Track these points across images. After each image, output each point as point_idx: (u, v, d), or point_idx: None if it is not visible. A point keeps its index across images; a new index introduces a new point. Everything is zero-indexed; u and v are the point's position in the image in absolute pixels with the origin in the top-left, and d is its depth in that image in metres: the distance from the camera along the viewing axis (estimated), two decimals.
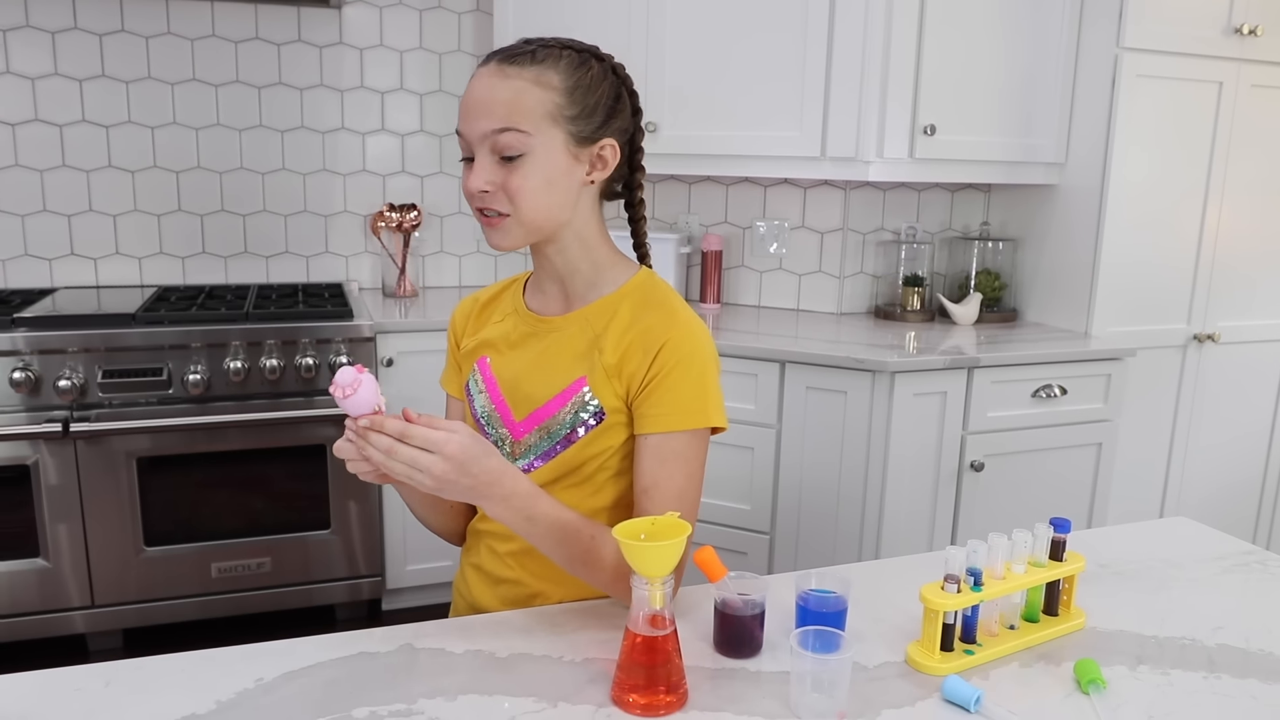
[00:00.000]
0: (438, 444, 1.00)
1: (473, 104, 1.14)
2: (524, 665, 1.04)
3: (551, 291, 1.26)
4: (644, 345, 1.17)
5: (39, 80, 2.78)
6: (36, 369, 2.35)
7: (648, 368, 1.16)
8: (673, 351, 1.16)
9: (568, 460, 1.20)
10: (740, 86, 2.64)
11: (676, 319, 1.19)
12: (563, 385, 1.20)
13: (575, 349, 1.21)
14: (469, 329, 1.33)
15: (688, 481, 1.18)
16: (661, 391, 1.16)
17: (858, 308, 2.98)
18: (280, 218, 3.07)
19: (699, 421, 1.18)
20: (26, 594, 2.44)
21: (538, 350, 1.24)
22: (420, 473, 1.00)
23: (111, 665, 1.01)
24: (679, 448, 1.17)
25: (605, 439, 1.19)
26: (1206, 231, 2.75)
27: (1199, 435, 2.88)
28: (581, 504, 1.21)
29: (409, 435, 1.00)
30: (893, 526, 2.40)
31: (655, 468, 1.17)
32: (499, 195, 1.14)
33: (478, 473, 1.03)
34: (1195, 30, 2.59)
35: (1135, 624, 1.17)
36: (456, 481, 1.01)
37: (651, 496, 1.16)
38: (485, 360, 1.28)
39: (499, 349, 1.27)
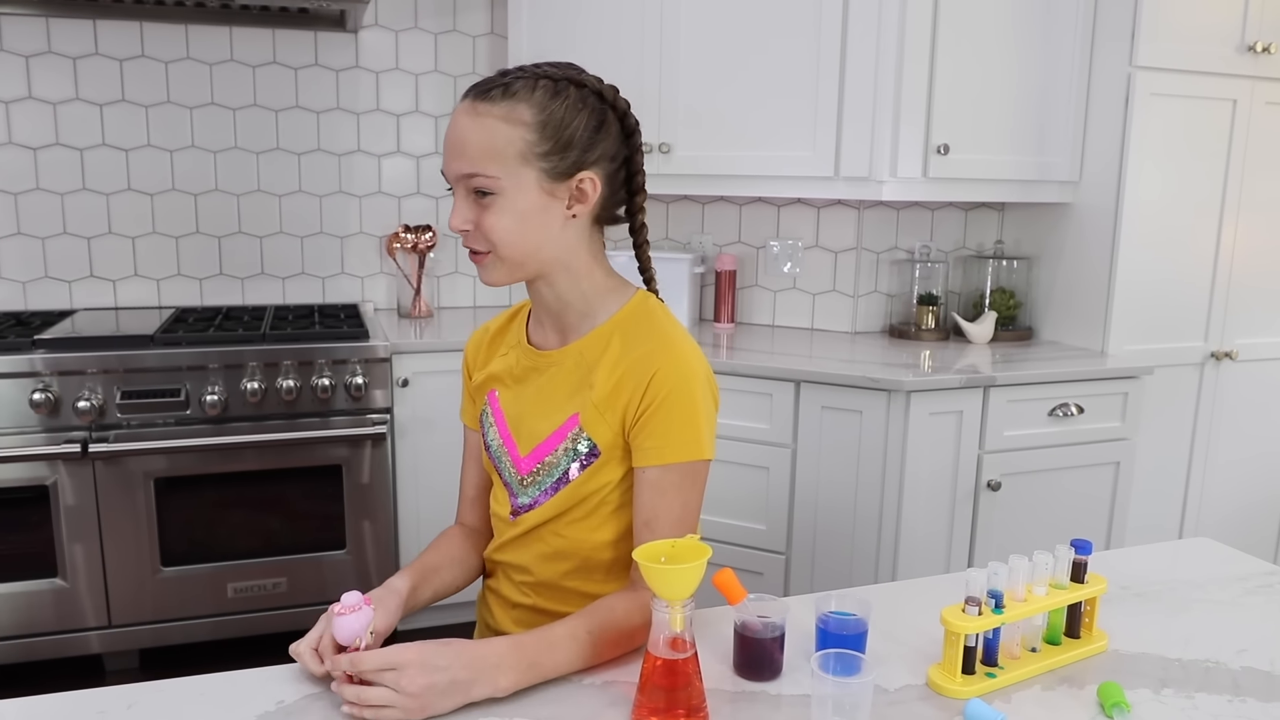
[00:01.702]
0: (389, 657, 0.97)
1: (450, 144, 1.14)
2: (543, 687, 1.04)
3: (548, 324, 1.26)
4: (635, 376, 1.16)
5: (61, 105, 2.82)
6: (56, 390, 2.37)
7: (640, 398, 1.15)
8: (664, 381, 1.15)
9: (567, 497, 1.21)
10: (753, 107, 2.65)
11: (667, 346, 1.17)
12: (559, 422, 1.21)
13: (569, 385, 1.21)
14: (479, 361, 1.33)
15: (685, 511, 1.17)
16: (655, 423, 1.15)
17: (872, 327, 2.98)
18: (297, 239, 3.09)
19: (693, 454, 1.16)
20: (43, 614, 2.45)
21: (538, 385, 1.24)
22: (396, 693, 0.95)
23: (134, 688, 1.01)
24: (676, 480, 1.16)
25: (603, 475, 1.19)
26: (1223, 249, 2.74)
27: (1218, 454, 2.86)
28: (587, 538, 1.22)
29: (359, 661, 0.97)
30: (909, 546, 2.39)
31: (654, 500, 1.16)
32: (476, 234, 1.14)
33: (449, 660, 0.99)
34: (1208, 48, 2.59)
35: (1158, 646, 1.16)
36: (433, 682, 0.96)
37: (653, 529, 1.15)
38: (494, 394, 1.30)
39: (505, 383, 1.28)
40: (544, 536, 1.24)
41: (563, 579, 1.25)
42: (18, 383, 2.35)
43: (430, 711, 0.97)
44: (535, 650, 1.04)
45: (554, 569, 1.25)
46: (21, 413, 2.36)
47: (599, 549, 1.23)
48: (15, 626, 2.44)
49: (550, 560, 1.25)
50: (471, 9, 3.13)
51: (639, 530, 1.17)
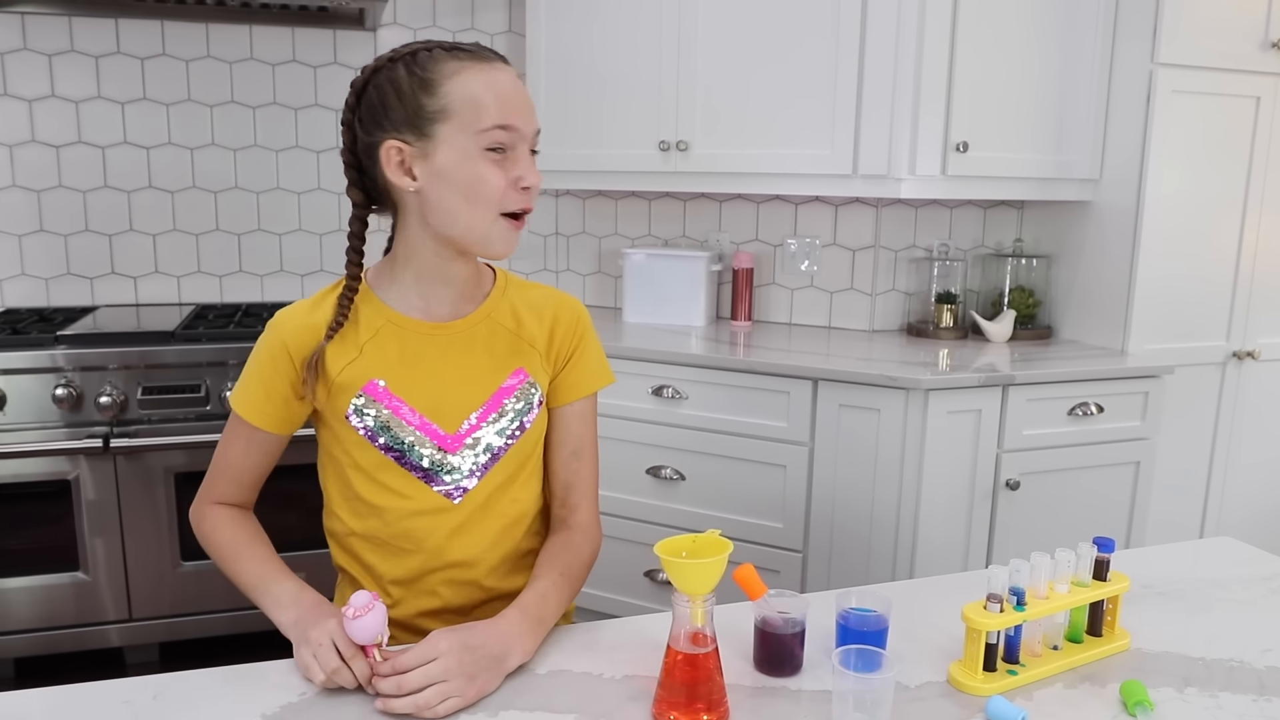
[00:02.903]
0: (427, 649, 0.99)
1: (521, 99, 1.13)
2: (564, 681, 1.04)
3: (442, 296, 1.21)
4: (565, 320, 1.26)
5: (83, 103, 2.84)
6: (78, 386, 2.39)
7: (571, 338, 1.26)
8: (585, 320, 1.28)
9: (522, 450, 1.24)
10: (771, 105, 2.65)
11: (563, 294, 1.29)
12: (497, 383, 1.21)
13: (495, 346, 1.22)
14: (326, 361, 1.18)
15: (595, 436, 1.30)
16: (585, 358, 1.27)
17: (890, 325, 2.97)
18: (315, 236, 3.11)
19: (610, 378, 1.31)
20: (65, 607, 2.48)
21: (448, 358, 1.20)
22: (448, 681, 0.97)
23: (159, 678, 1.02)
24: (592, 407, 1.30)
25: (541, 422, 1.26)
26: (1245, 247, 2.72)
27: (1239, 453, 2.84)
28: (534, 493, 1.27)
29: (399, 664, 0.98)
30: (927, 545, 2.38)
31: (581, 430, 1.28)
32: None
33: (481, 638, 1.02)
34: (1231, 45, 2.57)
35: (1181, 645, 1.15)
36: (477, 659, 1.00)
37: (581, 457, 1.28)
38: (378, 385, 1.18)
39: (394, 368, 1.18)
40: (497, 508, 1.23)
41: (518, 545, 1.26)
42: (40, 378, 2.37)
43: (484, 690, 1.00)
44: (536, 607, 1.11)
45: (508, 541, 1.25)
46: (44, 408, 2.38)
47: (538, 500, 1.29)
48: (37, 619, 2.46)
49: (504, 535, 1.24)
50: (490, 7, 3.14)
51: (567, 461, 1.27)
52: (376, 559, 1.24)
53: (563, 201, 3.29)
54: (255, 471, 1.26)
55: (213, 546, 1.22)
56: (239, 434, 1.23)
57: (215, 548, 1.22)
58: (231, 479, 1.24)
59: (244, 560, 1.18)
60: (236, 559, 1.19)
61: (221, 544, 1.21)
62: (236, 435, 1.23)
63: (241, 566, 1.18)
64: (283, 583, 1.14)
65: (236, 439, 1.23)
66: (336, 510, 1.26)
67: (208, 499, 1.25)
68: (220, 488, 1.25)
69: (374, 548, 1.24)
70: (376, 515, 1.22)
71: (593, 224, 3.28)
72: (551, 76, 2.89)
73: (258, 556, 1.19)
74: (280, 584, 1.14)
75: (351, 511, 1.24)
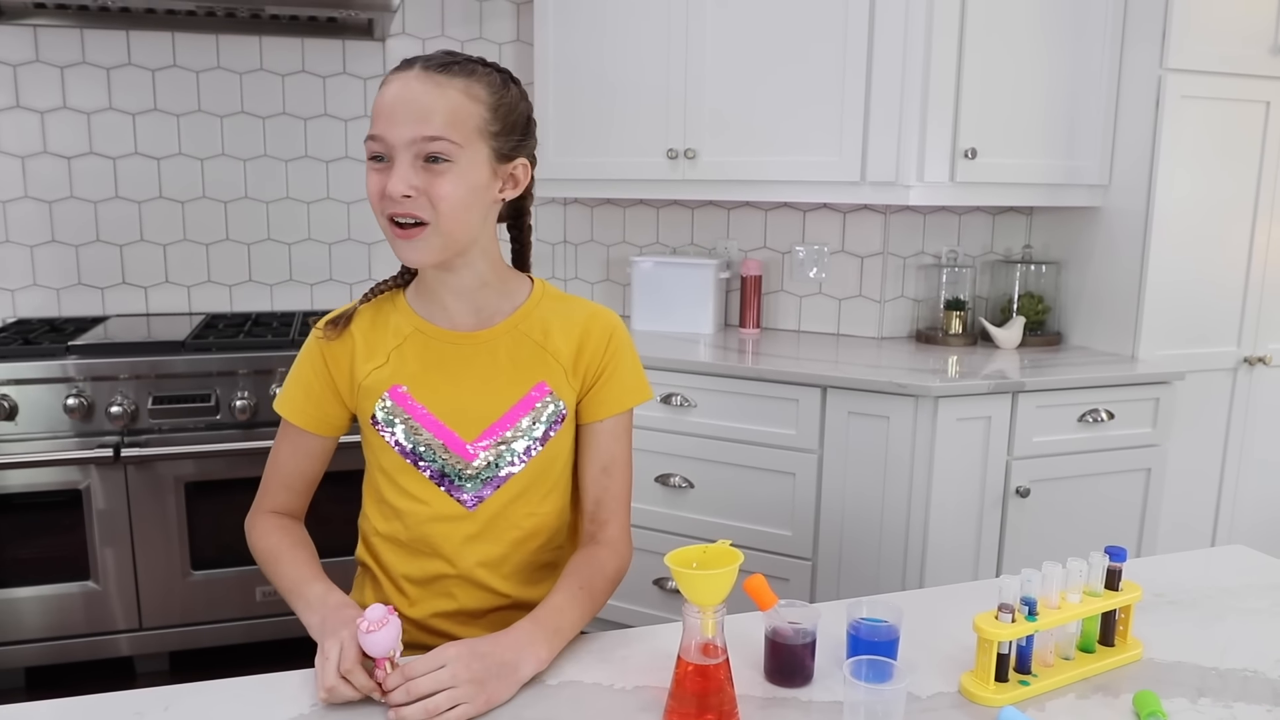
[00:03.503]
0: (436, 656, 1.00)
1: (401, 107, 1.11)
2: (575, 692, 1.04)
3: (457, 307, 1.23)
4: (595, 335, 1.25)
5: (94, 114, 2.86)
6: (89, 395, 2.40)
7: (603, 354, 1.25)
8: (619, 336, 1.27)
9: (542, 463, 1.24)
10: (779, 112, 2.65)
11: (601, 309, 1.28)
12: (519, 395, 1.22)
13: (519, 358, 1.23)
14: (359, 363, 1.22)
15: (630, 452, 1.30)
16: (618, 374, 1.26)
17: (898, 332, 2.96)
18: (324, 245, 3.12)
19: (646, 395, 1.29)
20: (75, 616, 2.48)
21: (473, 368, 1.22)
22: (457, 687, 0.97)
23: (170, 690, 1.03)
24: (626, 424, 1.29)
25: (566, 437, 1.26)
26: (1256, 252, 2.71)
27: (1251, 460, 2.82)
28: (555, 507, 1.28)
29: (410, 669, 0.98)
30: (937, 553, 2.37)
31: (612, 446, 1.27)
32: (421, 200, 1.11)
33: (489, 647, 1.03)
34: (1240, 50, 2.56)
35: (1195, 655, 1.15)
36: (486, 666, 1.00)
37: (610, 474, 1.27)
38: (401, 391, 1.21)
39: (416, 376, 1.21)
40: (513, 519, 1.25)
41: (536, 555, 1.28)
42: (52, 388, 2.38)
43: (495, 698, 1.00)
44: (551, 618, 1.11)
45: (523, 553, 1.27)
46: (55, 418, 2.39)
47: (562, 514, 1.29)
48: (48, 629, 2.47)
49: (520, 546, 1.26)
50: (498, 17, 3.15)
51: (596, 477, 1.27)
52: (395, 559, 1.27)
53: (571, 210, 3.30)
54: (304, 477, 1.28)
55: (258, 553, 1.24)
56: (286, 438, 1.27)
57: (259, 554, 1.24)
58: (281, 484, 1.28)
59: (283, 564, 1.20)
60: (276, 563, 1.20)
61: (264, 550, 1.23)
62: (284, 439, 1.27)
63: (280, 570, 1.19)
64: (313, 586, 1.14)
65: (284, 443, 1.27)
66: (367, 509, 1.31)
67: (260, 508, 1.28)
68: (271, 495, 1.28)
69: (393, 548, 1.27)
70: (398, 517, 1.25)
71: (601, 232, 3.28)
72: (559, 85, 2.90)
73: (296, 560, 1.20)
74: (311, 587, 1.14)
75: (378, 512, 1.28)
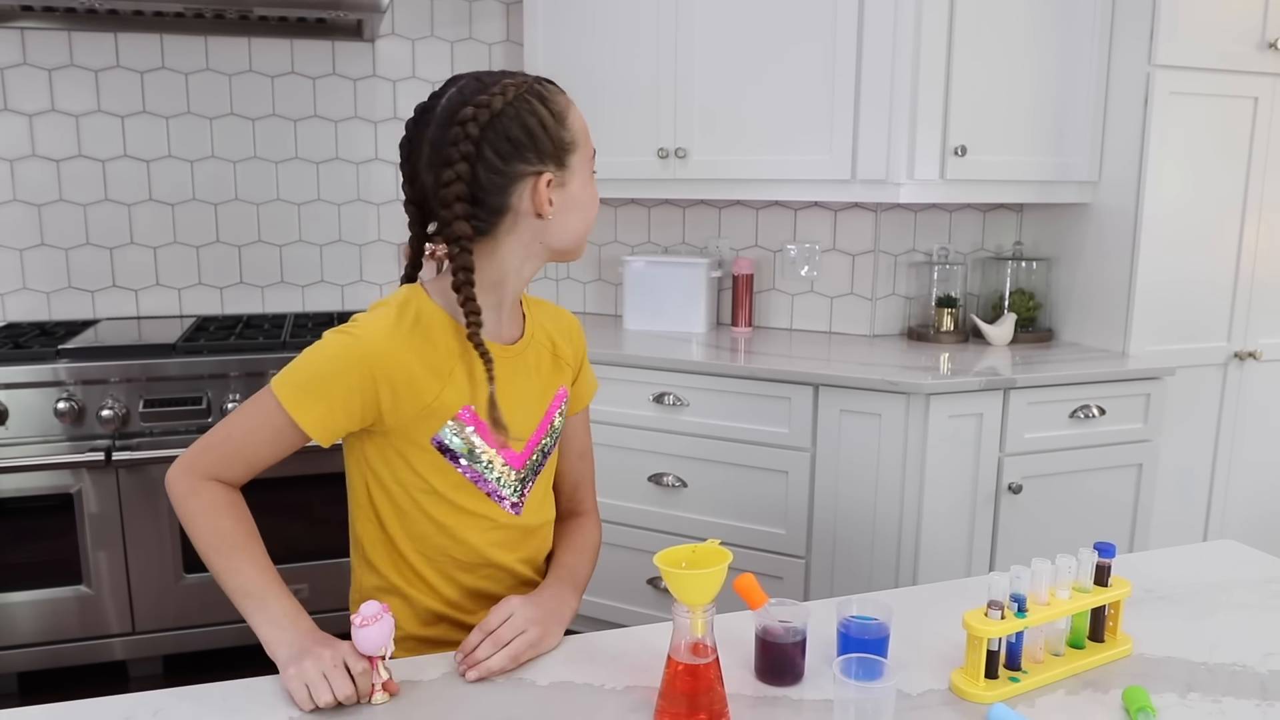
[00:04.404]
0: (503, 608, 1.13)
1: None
2: (565, 693, 1.04)
3: (510, 319, 1.23)
4: (577, 336, 1.36)
5: (83, 117, 2.85)
6: (80, 399, 2.39)
7: (581, 352, 1.37)
8: (582, 334, 1.39)
9: (554, 461, 1.35)
10: (769, 110, 2.65)
11: (562, 308, 1.37)
12: (547, 403, 1.28)
13: (543, 366, 1.28)
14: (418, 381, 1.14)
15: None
16: (586, 369, 1.39)
17: (890, 330, 2.97)
18: (316, 247, 3.11)
19: (597, 384, 1.43)
20: (68, 621, 2.48)
21: (516, 380, 1.21)
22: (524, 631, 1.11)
23: (159, 694, 1.02)
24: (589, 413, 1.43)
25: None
26: (1245, 247, 2.72)
27: (1242, 455, 2.83)
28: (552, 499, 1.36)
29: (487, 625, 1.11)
30: (930, 549, 2.37)
31: (584, 434, 1.41)
32: None
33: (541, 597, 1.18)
34: (1228, 46, 2.57)
35: (1184, 650, 1.15)
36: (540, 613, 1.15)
37: (584, 458, 1.41)
38: (469, 410, 1.17)
39: (474, 392, 1.17)
40: (544, 514, 1.33)
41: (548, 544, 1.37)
42: (42, 392, 2.38)
43: (552, 640, 1.14)
44: (570, 575, 1.29)
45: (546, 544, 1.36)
46: (46, 422, 2.39)
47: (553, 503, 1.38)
48: (40, 633, 2.46)
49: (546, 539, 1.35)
50: (487, 17, 3.15)
51: (575, 463, 1.40)
52: (443, 579, 1.23)
53: None
54: (271, 461, 1.17)
55: (205, 530, 1.11)
56: (273, 425, 1.12)
57: (211, 533, 1.11)
58: (245, 462, 1.15)
59: (242, 560, 1.10)
60: (234, 555, 1.10)
61: (220, 531, 1.11)
62: (269, 424, 1.12)
63: (239, 566, 1.10)
64: (282, 601, 1.08)
65: (268, 428, 1.13)
66: (390, 532, 1.21)
67: (205, 471, 1.14)
68: (224, 465, 1.15)
69: (443, 568, 1.23)
70: (446, 534, 1.21)
71: (593, 232, 3.28)
72: None
73: (258, 563, 1.11)
74: (280, 602, 1.08)
75: (412, 534, 1.21)
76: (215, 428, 1.15)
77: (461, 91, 1.11)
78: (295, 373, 1.12)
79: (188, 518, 1.13)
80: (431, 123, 1.11)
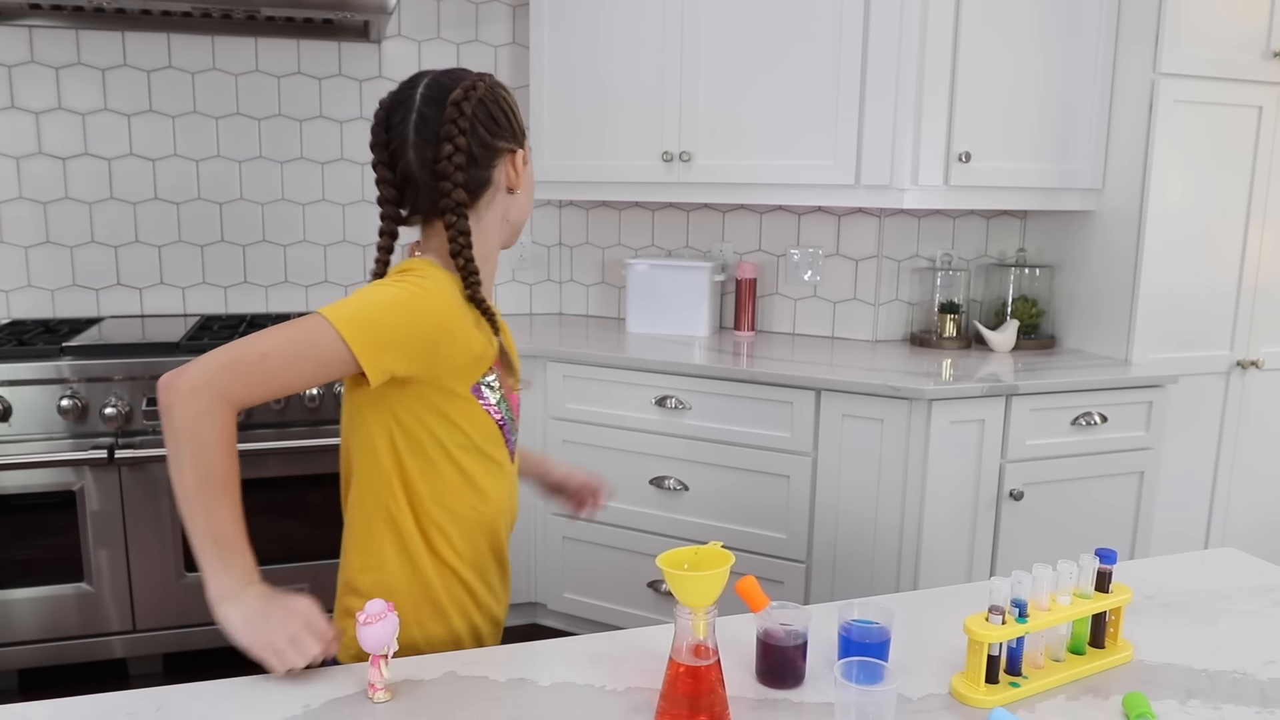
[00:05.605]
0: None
1: None
2: (567, 694, 1.04)
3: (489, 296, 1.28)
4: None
5: (90, 115, 2.86)
6: (83, 396, 2.40)
7: None
8: None
9: None
10: (774, 115, 2.66)
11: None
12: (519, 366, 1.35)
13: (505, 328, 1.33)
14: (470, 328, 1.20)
15: None
16: None
17: (893, 335, 2.97)
18: (319, 247, 3.12)
19: None
20: (68, 618, 2.48)
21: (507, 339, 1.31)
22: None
23: (162, 690, 1.03)
24: None
25: None
26: (1249, 256, 2.72)
27: (1244, 463, 2.83)
28: None
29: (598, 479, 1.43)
30: (931, 555, 2.37)
31: None
32: None
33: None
34: (1233, 55, 2.57)
35: (1184, 657, 1.15)
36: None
37: None
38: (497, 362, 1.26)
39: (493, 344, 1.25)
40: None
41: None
42: (46, 389, 2.38)
43: None
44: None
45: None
46: (50, 419, 2.39)
47: None
48: (41, 630, 2.46)
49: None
50: (493, 19, 3.16)
51: None
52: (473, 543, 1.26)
53: (566, 212, 3.30)
54: (298, 390, 1.11)
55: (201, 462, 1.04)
56: (322, 356, 1.08)
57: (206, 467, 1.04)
58: (276, 387, 1.08)
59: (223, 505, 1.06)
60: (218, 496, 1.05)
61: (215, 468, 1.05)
62: (318, 355, 1.08)
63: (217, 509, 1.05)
64: (245, 556, 1.08)
65: (313, 358, 1.08)
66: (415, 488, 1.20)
67: (227, 390, 1.05)
68: (253, 388, 1.07)
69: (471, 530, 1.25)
70: (472, 485, 1.23)
71: (596, 234, 3.29)
72: (554, 88, 2.90)
73: (235, 512, 1.07)
74: (244, 558, 1.07)
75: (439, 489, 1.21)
76: (242, 343, 1.06)
77: (439, 81, 1.20)
78: (359, 310, 1.10)
79: (188, 439, 1.04)
80: (413, 108, 1.18)
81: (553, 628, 2.82)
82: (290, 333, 1.08)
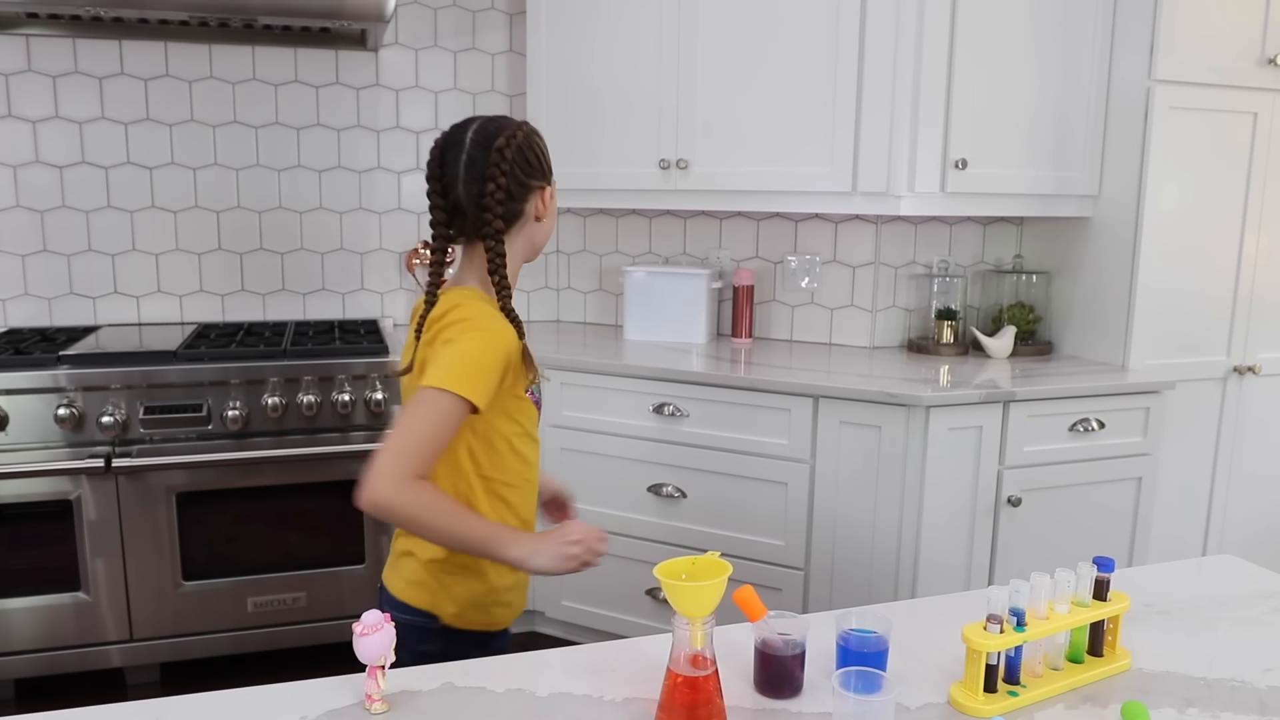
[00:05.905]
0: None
1: None
2: (565, 704, 1.04)
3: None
4: None
5: (87, 124, 2.86)
6: (80, 405, 2.39)
7: None
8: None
9: None
10: (771, 123, 2.66)
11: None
12: None
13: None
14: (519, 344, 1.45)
15: None
16: None
17: (890, 341, 2.97)
18: (317, 255, 3.12)
19: None
20: (66, 627, 2.47)
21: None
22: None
23: (160, 702, 1.02)
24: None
25: None
26: (1244, 262, 2.72)
27: (1241, 469, 2.84)
28: None
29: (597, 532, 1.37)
30: (929, 562, 2.37)
31: None
32: None
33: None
34: (1228, 62, 2.58)
35: (1183, 665, 1.15)
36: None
37: None
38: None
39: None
40: None
41: None
42: (43, 398, 2.38)
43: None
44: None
45: None
46: (46, 428, 2.39)
47: None
48: (38, 640, 2.46)
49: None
50: (490, 27, 3.16)
51: None
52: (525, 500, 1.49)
53: (563, 219, 3.31)
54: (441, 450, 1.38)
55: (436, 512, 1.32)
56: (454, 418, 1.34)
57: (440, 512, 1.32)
58: (433, 454, 1.34)
59: (470, 520, 1.34)
60: (463, 519, 1.33)
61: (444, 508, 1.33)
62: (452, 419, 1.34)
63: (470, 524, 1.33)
64: (510, 529, 1.37)
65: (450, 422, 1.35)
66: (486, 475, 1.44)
67: (409, 472, 1.32)
68: (425, 463, 1.33)
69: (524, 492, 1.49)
70: (524, 461, 1.47)
71: (593, 242, 3.29)
72: (552, 95, 2.91)
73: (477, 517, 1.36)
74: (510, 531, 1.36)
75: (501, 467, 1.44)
76: (396, 438, 1.31)
77: (486, 128, 1.41)
78: (460, 369, 1.35)
79: (416, 510, 1.31)
80: (464, 150, 1.39)
81: (551, 635, 2.82)
82: (425, 415, 1.33)
